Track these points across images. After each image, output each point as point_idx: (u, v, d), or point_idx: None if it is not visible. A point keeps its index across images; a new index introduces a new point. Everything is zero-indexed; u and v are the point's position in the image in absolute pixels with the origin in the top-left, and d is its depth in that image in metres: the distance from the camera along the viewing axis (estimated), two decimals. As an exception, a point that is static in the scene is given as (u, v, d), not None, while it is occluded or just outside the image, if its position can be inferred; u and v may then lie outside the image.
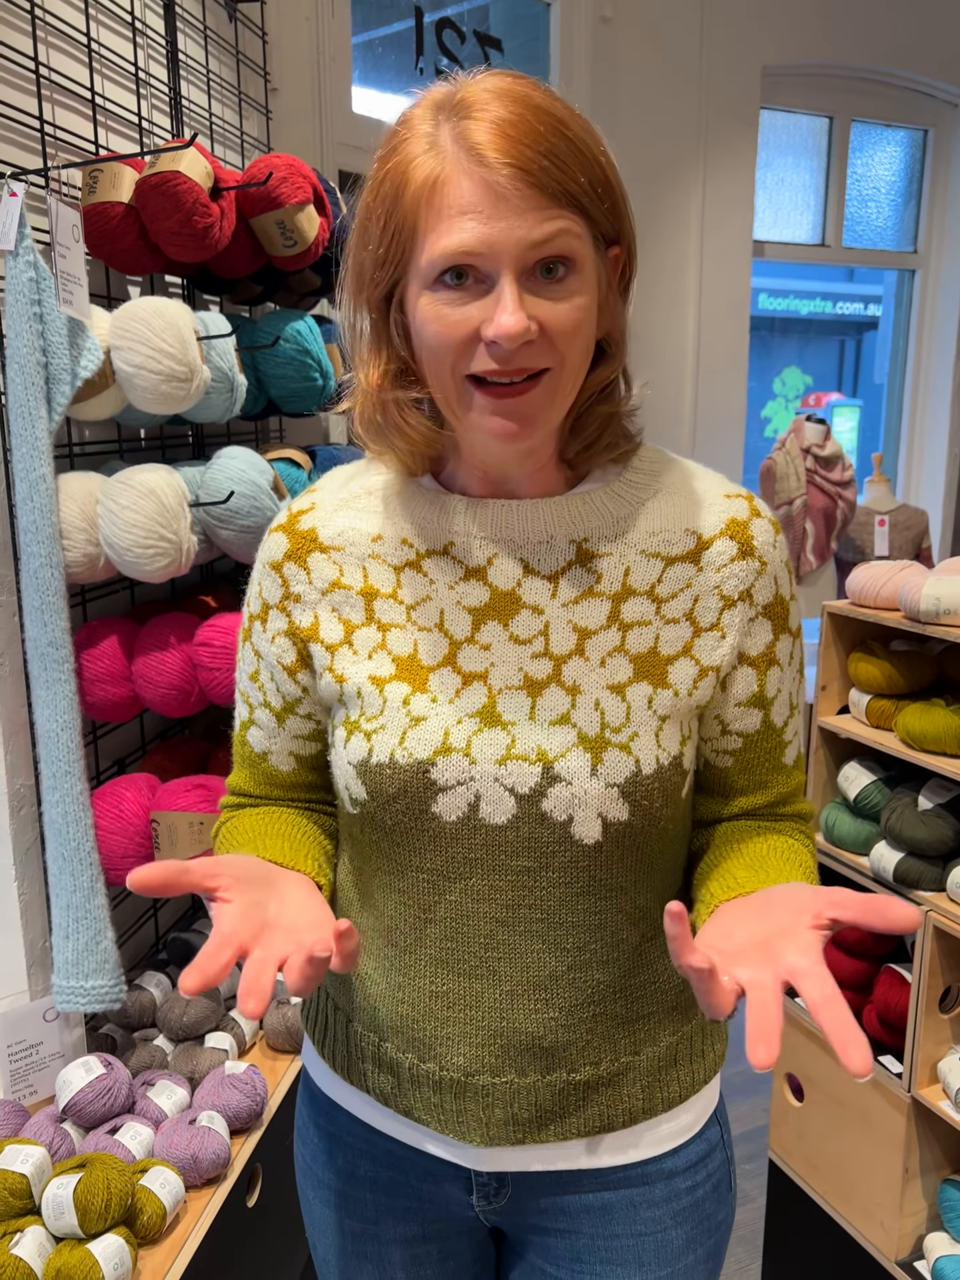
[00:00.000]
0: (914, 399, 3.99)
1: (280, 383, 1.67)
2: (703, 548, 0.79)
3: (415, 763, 0.77)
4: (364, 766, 0.79)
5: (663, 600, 0.79)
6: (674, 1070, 0.86)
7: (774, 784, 0.86)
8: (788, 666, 0.84)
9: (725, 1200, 0.91)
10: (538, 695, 0.78)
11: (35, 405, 1.22)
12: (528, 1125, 0.82)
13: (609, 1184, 0.86)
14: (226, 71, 1.94)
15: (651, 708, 0.78)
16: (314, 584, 0.82)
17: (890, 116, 3.71)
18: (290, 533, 0.84)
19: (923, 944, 1.47)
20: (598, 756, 0.76)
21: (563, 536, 0.79)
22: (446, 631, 0.80)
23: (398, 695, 0.79)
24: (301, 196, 1.54)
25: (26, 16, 1.32)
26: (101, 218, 1.36)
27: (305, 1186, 0.97)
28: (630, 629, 0.79)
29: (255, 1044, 1.54)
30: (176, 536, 1.33)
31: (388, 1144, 0.89)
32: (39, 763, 1.31)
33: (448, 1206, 0.89)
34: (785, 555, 0.83)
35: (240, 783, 0.92)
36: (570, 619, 0.79)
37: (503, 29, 2.78)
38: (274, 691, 0.86)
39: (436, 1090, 0.83)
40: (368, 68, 2.46)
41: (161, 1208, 1.15)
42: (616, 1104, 0.83)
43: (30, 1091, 1.35)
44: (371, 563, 0.82)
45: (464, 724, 0.77)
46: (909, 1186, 1.56)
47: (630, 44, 3.00)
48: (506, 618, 0.79)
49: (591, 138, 0.70)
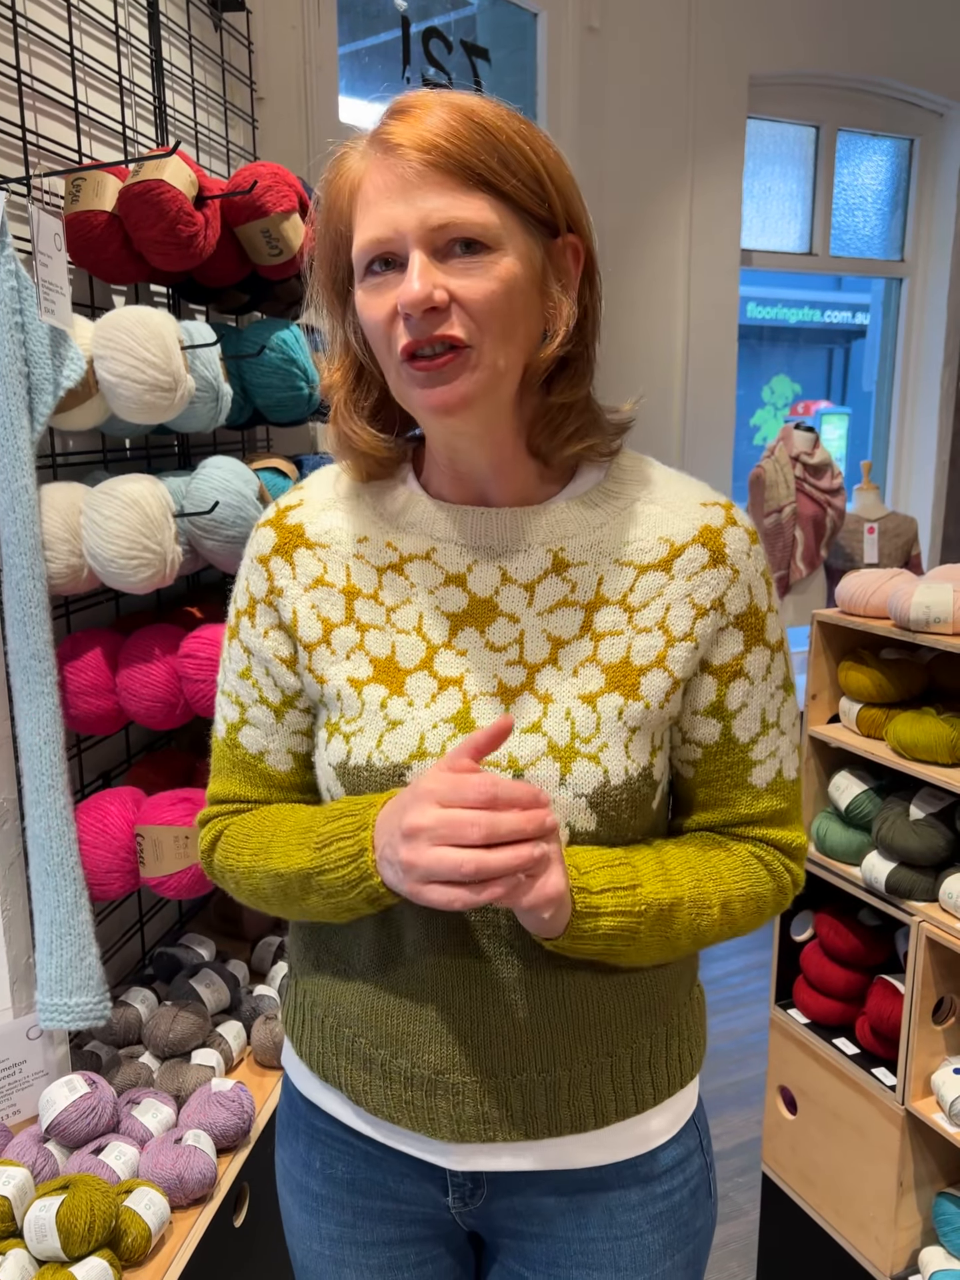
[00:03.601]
0: (902, 406, 4.00)
1: (266, 392, 1.66)
2: (674, 555, 0.79)
3: (391, 765, 0.78)
4: (343, 768, 0.80)
5: (634, 609, 0.79)
6: (648, 1073, 0.85)
7: (736, 803, 0.84)
8: (761, 681, 0.82)
9: (704, 1207, 0.91)
10: (510, 703, 0.79)
11: (17, 415, 1.21)
12: (498, 1123, 0.82)
13: (584, 1186, 0.86)
14: (212, 80, 1.94)
15: (622, 719, 0.78)
16: (298, 579, 0.83)
17: (877, 126, 3.72)
18: (278, 528, 0.85)
19: (916, 955, 1.46)
20: (566, 766, 0.77)
21: (539, 545, 0.80)
22: (424, 635, 0.81)
23: (375, 698, 0.80)
24: (287, 205, 1.53)
25: (9, 24, 1.31)
26: (85, 226, 1.35)
27: (285, 1192, 0.97)
28: (602, 639, 0.79)
29: (243, 1060, 1.52)
30: (161, 547, 1.31)
31: (364, 1145, 0.89)
32: (22, 776, 1.29)
33: (425, 1208, 0.89)
34: (762, 565, 0.82)
35: (229, 789, 0.89)
36: (545, 628, 0.79)
37: (490, 39, 2.78)
38: (271, 686, 0.85)
39: (408, 1086, 0.83)
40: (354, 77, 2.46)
41: (146, 1229, 1.14)
42: (588, 1104, 0.83)
43: (13, 1111, 1.33)
44: (355, 563, 0.82)
45: (439, 729, 0.78)
46: (904, 1200, 1.54)
47: (617, 54, 3.00)
48: (483, 624, 0.80)
49: (522, 132, 0.72)
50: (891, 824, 1.53)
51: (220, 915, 1.84)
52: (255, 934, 1.78)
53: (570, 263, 0.75)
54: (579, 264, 0.76)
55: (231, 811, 0.90)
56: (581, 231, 0.76)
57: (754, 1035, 2.69)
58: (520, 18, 2.85)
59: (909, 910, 1.50)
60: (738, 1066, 2.58)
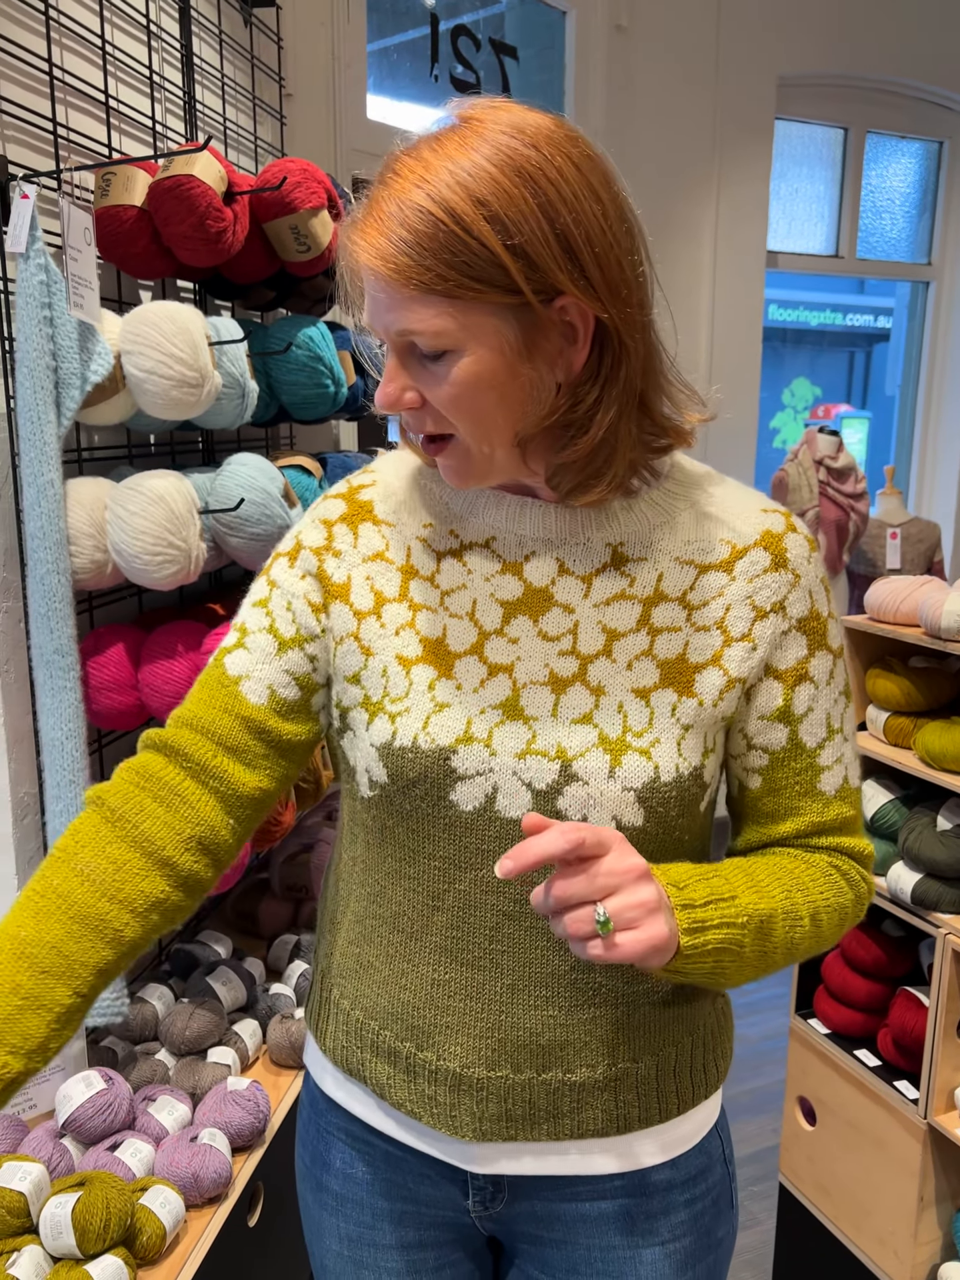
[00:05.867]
0: (926, 411, 3.97)
1: (292, 389, 1.66)
2: (737, 557, 0.79)
3: (437, 749, 0.77)
4: (387, 749, 0.79)
5: (694, 607, 0.79)
6: (673, 1081, 0.85)
7: (806, 810, 0.83)
8: (825, 685, 0.82)
9: (726, 1217, 0.90)
10: (561, 693, 0.78)
11: (44, 409, 1.21)
12: (520, 1122, 0.82)
13: (605, 1193, 0.85)
14: (241, 76, 1.93)
15: (675, 715, 0.78)
16: (358, 549, 0.84)
17: (905, 128, 3.70)
18: (349, 500, 0.86)
19: (941, 966, 1.44)
20: (616, 759, 0.76)
21: (599, 539, 0.80)
22: (476, 621, 0.80)
23: (423, 679, 0.79)
24: (316, 201, 1.52)
25: (41, 18, 1.31)
26: (114, 221, 1.34)
27: (304, 1191, 0.96)
28: (659, 634, 0.79)
29: (258, 1059, 1.52)
30: (185, 544, 1.31)
31: (385, 1145, 0.89)
32: (43, 771, 1.29)
33: (445, 1211, 0.89)
34: (821, 573, 0.83)
35: (189, 709, 0.84)
36: (600, 619, 0.79)
37: (518, 37, 2.77)
38: (287, 621, 0.84)
39: (431, 1081, 0.83)
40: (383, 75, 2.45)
41: (161, 1228, 1.13)
42: (612, 1109, 0.82)
43: (29, 1105, 1.33)
44: (417, 545, 0.83)
45: (486, 714, 0.78)
46: (924, 1215, 1.52)
47: (645, 53, 2.99)
48: (537, 614, 0.80)
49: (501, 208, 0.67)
50: (918, 834, 1.51)
51: (237, 912, 1.84)
52: (272, 931, 1.78)
53: (576, 320, 0.71)
54: (587, 321, 0.71)
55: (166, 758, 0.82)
56: (576, 294, 0.70)
57: (768, 1042, 2.67)
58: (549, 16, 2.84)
59: (935, 921, 1.48)
60: (753, 1074, 2.56)
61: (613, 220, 0.71)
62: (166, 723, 0.86)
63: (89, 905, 0.76)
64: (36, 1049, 0.72)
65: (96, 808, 0.81)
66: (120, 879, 0.77)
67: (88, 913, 0.76)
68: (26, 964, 0.73)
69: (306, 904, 1.82)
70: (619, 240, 0.71)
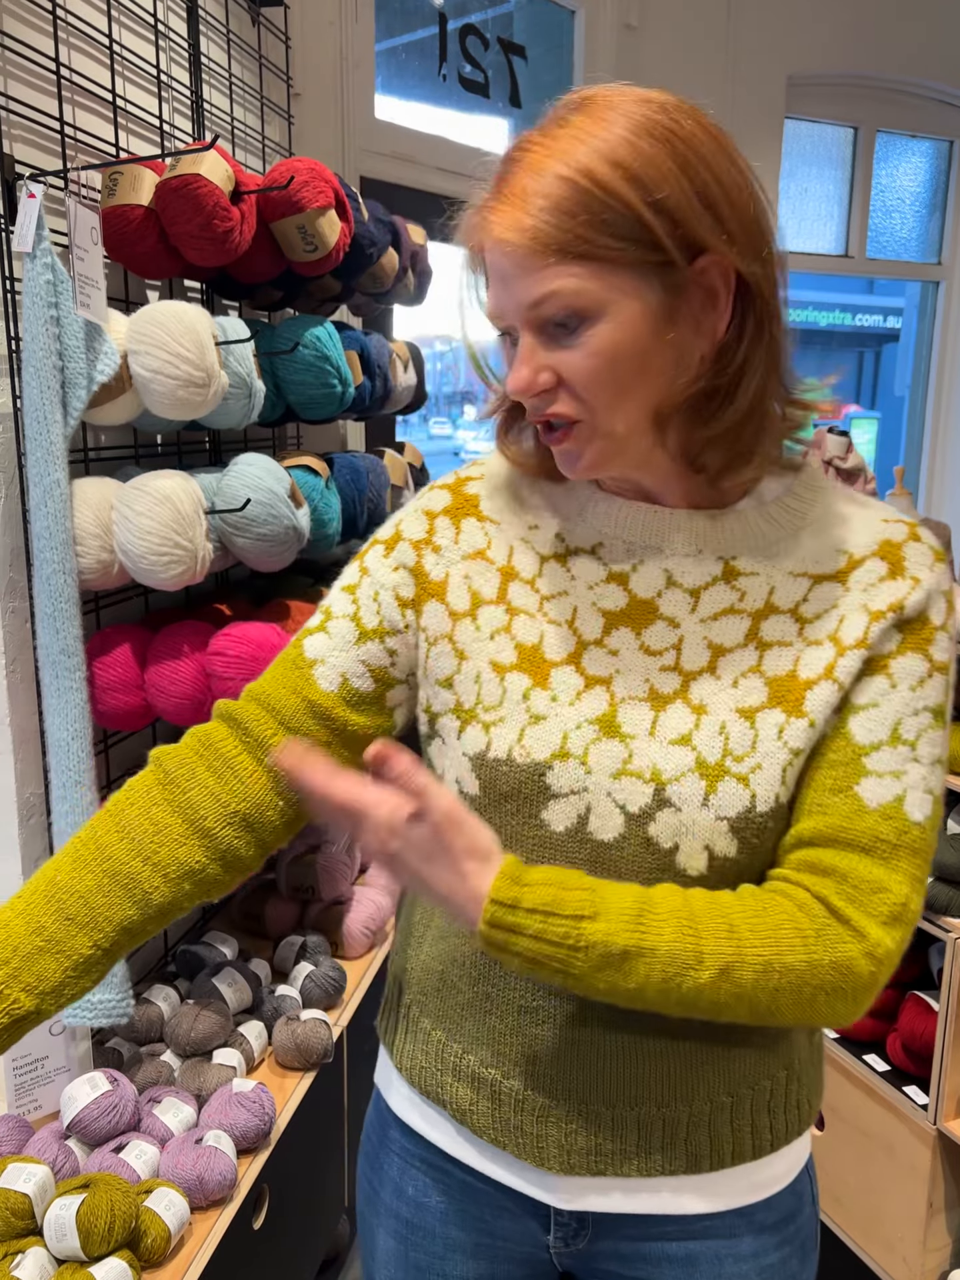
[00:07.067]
0: (936, 412, 3.94)
1: (299, 389, 1.65)
2: (852, 567, 0.75)
3: (532, 763, 0.74)
4: (481, 760, 0.76)
5: (807, 620, 0.75)
6: (767, 1116, 0.81)
7: (832, 811, 0.72)
8: (906, 689, 0.73)
9: (810, 1259, 0.87)
10: (661, 710, 0.75)
11: (51, 409, 1.21)
12: (611, 1156, 0.79)
13: (694, 1233, 0.81)
14: (249, 75, 1.93)
15: (782, 738, 0.72)
16: (459, 545, 0.82)
17: (915, 127, 3.67)
18: (455, 493, 0.84)
19: (950, 971, 1.43)
20: (712, 785, 0.72)
21: (711, 552, 0.77)
22: (576, 629, 0.78)
23: (518, 687, 0.77)
24: (323, 201, 1.52)
25: (48, 17, 1.31)
26: (121, 220, 1.34)
27: (368, 1214, 0.93)
28: (769, 649, 0.75)
29: (264, 1061, 1.51)
30: (192, 544, 1.31)
31: (462, 1174, 0.86)
32: (49, 771, 1.29)
33: (522, 1246, 0.85)
34: (946, 585, 0.76)
35: (262, 687, 0.83)
36: (706, 635, 0.76)
37: (526, 36, 2.76)
38: (372, 611, 0.82)
39: (518, 1110, 0.80)
40: (391, 74, 2.45)
41: (166, 1230, 1.13)
42: (705, 1145, 0.79)
43: (35, 1106, 1.33)
44: (520, 546, 0.81)
45: (582, 730, 0.75)
46: (933, 1221, 1.51)
47: (655, 52, 2.98)
48: (640, 626, 0.77)
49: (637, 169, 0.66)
50: (927, 837, 1.50)
51: (243, 913, 1.84)
52: (278, 932, 1.77)
53: (717, 282, 0.70)
54: (728, 281, 0.70)
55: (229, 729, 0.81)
56: (720, 249, 0.68)
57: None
58: (558, 15, 2.83)
59: (945, 926, 1.47)
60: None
61: (746, 182, 0.71)
62: (241, 694, 0.85)
63: (123, 862, 0.76)
64: (50, 991, 0.72)
65: (155, 767, 0.81)
66: (158, 842, 0.77)
67: (120, 869, 0.75)
68: (54, 908, 0.74)
69: (313, 905, 1.82)
70: (754, 200, 0.71)
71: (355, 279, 1.81)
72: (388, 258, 1.84)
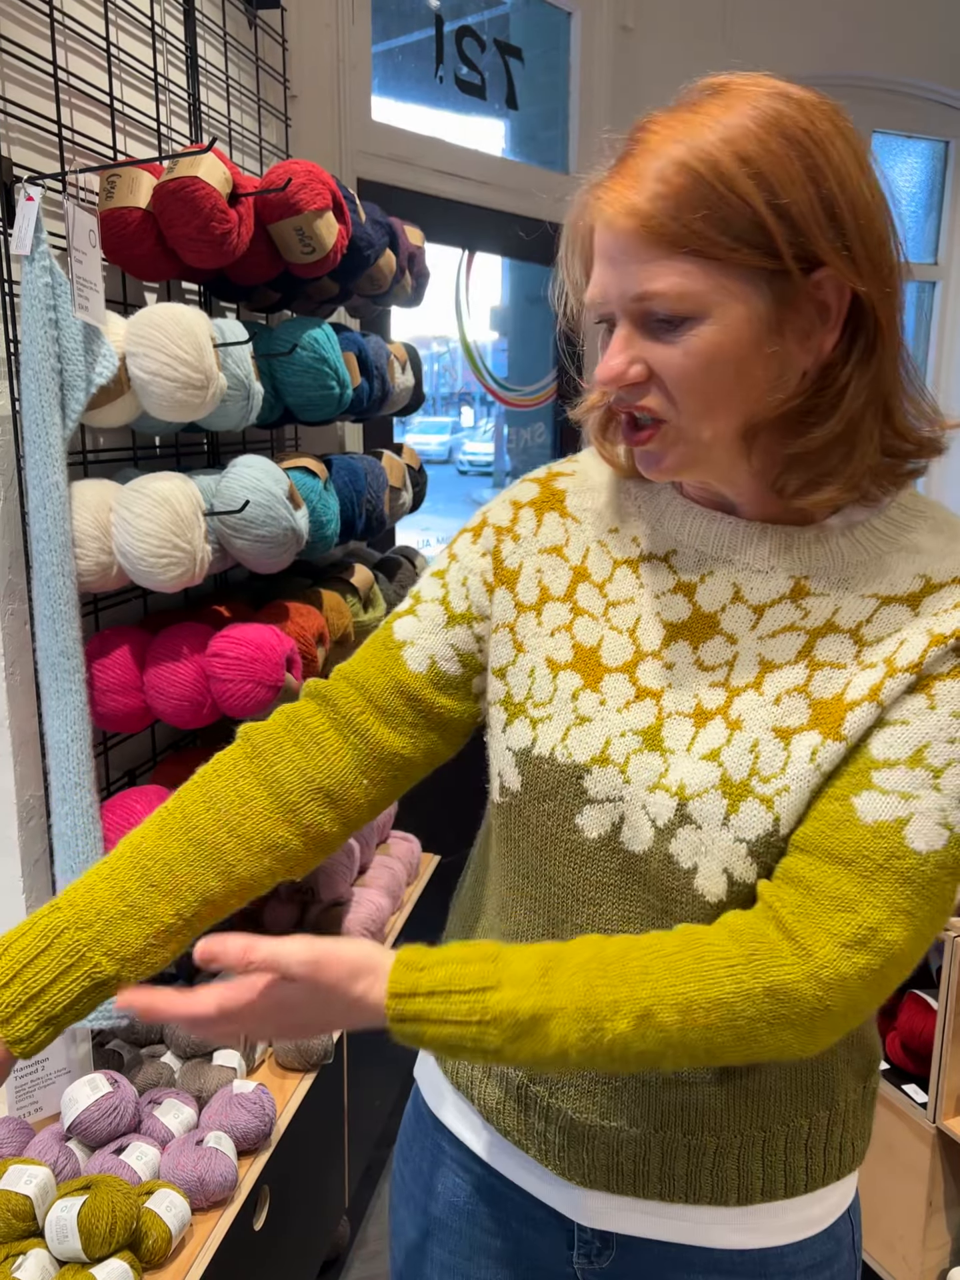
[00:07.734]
0: (934, 412, 3.95)
1: (297, 391, 1.65)
2: (927, 592, 0.70)
3: (572, 765, 0.74)
4: (525, 756, 0.76)
5: (866, 643, 0.70)
6: (803, 1156, 0.78)
7: (819, 816, 0.68)
8: (946, 714, 0.67)
9: None
10: (701, 726, 0.73)
11: (49, 412, 1.21)
12: (631, 1177, 0.77)
13: (721, 1268, 0.79)
14: (246, 78, 1.93)
15: (814, 761, 0.69)
16: (538, 537, 0.82)
17: (911, 128, 3.68)
18: (544, 486, 0.84)
19: (950, 970, 1.44)
20: (735, 805, 0.69)
21: (784, 570, 0.74)
22: (636, 639, 0.77)
23: (568, 687, 0.76)
24: (321, 203, 1.52)
25: (45, 20, 1.31)
26: (119, 223, 1.34)
27: (399, 1204, 0.94)
28: (820, 669, 0.71)
29: (264, 1062, 1.51)
30: (190, 546, 1.31)
31: (492, 1179, 0.86)
32: (48, 774, 1.29)
33: (545, 1258, 0.85)
34: None
35: (352, 667, 0.83)
36: (760, 651, 0.73)
37: (523, 38, 2.77)
38: (461, 596, 0.83)
39: (543, 1118, 0.80)
40: (388, 76, 2.45)
41: (167, 1232, 1.13)
42: (733, 1178, 0.77)
43: (35, 1108, 1.33)
44: (596, 548, 0.80)
45: (626, 738, 0.74)
46: (932, 1220, 1.52)
47: (651, 53, 2.98)
48: (699, 640, 0.75)
49: (768, 169, 0.63)
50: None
51: (242, 914, 1.84)
52: (277, 934, 1.77)
53: (831, 298, 0.66)
54: (843, 299, 0.67)
55: (318, 706, 0.82)
56: (839, 266, 0.65)
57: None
58: (554, 16, 2.84)
59: (943, 924, 1.47)
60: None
61: (877, 196, 0.67)
62: (330, 674, 0.86)
63: (208, 832, 0.76)
64: (132, 958, 0.73)
65: (243, 741, 0.82)
66: (243, 814, 0.77)
67: (205, 839, 0.76)
68: (139, 874, 0.74)
69: (312, 906, 1.82)
70: (882, 216, 0.67)
71: (353, 281, 1.81)
72: (385, 259, 1.85)
